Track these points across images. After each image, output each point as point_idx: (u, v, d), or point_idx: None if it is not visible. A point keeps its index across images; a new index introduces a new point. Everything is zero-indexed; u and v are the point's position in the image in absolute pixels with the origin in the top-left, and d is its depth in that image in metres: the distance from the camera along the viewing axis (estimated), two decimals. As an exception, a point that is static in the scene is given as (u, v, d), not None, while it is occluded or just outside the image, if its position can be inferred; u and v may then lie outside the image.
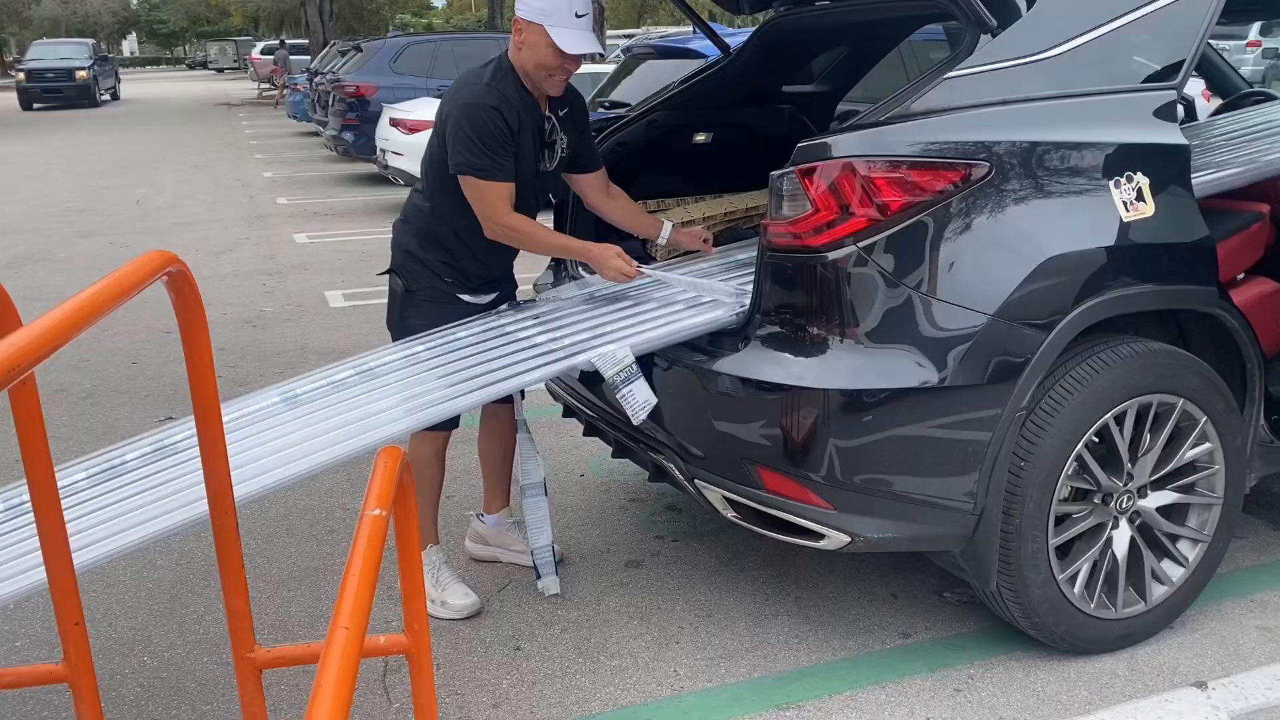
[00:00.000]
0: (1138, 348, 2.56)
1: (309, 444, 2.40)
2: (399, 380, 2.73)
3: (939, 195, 2.36)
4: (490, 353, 2.72)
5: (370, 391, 2.68)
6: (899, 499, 2.43)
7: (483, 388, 2.59)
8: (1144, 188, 2.51)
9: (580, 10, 2.70)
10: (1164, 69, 2.65)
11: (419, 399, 2.60)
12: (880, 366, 2.38)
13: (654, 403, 2.55)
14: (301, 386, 2.74)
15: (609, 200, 3.14)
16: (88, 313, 1.04)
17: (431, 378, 2.70)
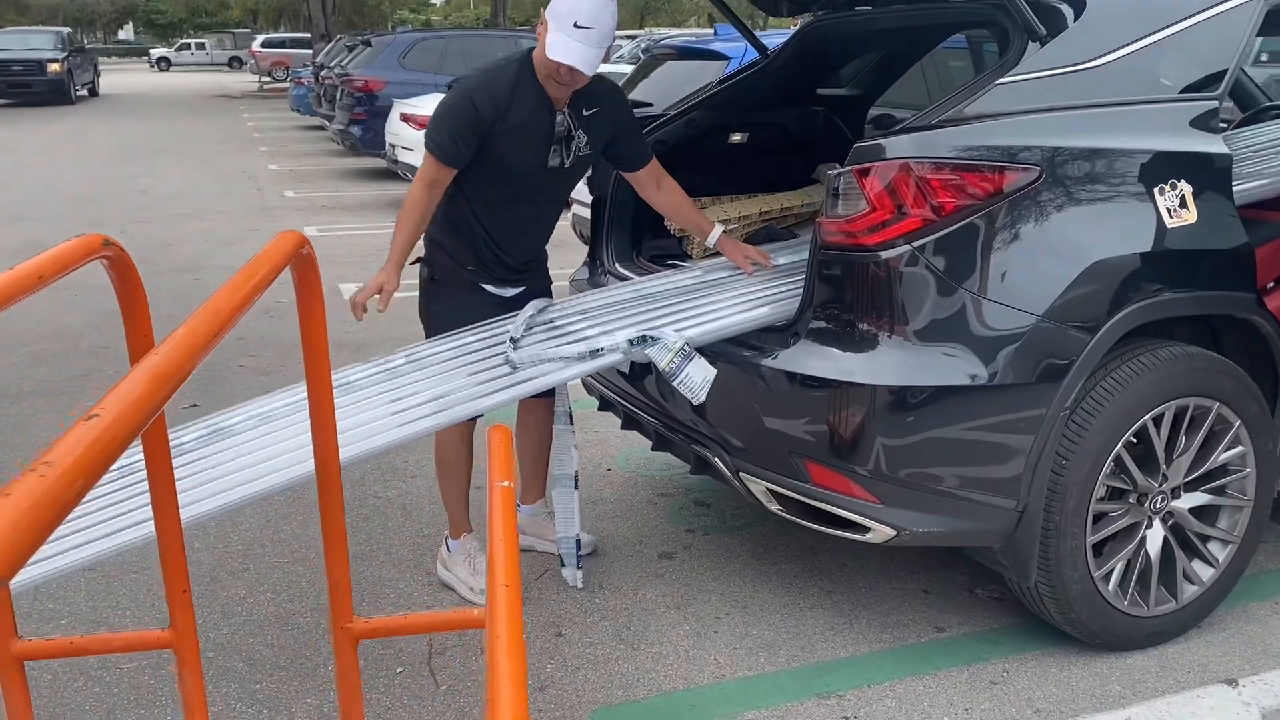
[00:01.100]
0: (1176, 351, 2.62)
1: (370, 427, 2.45)
2: (448, 370, 2.77)
3: (990, 198, 2.42)
4: (540, 344, 2.76)
5: (422, 380, 2.73)
6: (944, 494, 2.48)
7: (531, 380, 2.64)
8: (1187, 195, 2.57)
9: (582, 21, 2.67)
10: (1206, 79, 2.71)
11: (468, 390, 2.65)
12: (929, 364, 2.43)
13: (714, 375, 2.59)
14: (353, 375, 2.78)
15: (659, 194, 3.18)
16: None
17: (478, 369, 2.75)
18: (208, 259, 8.31)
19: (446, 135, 2.83)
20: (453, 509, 3.18)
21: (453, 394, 2.66)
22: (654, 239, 3.69)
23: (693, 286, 3.08)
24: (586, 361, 2.67)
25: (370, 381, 2.77)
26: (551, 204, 3.07)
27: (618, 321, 2.87)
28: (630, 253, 3.61)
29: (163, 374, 0.77)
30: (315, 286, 1.50)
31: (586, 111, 2.95)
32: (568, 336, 2.83)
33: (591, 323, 2.90)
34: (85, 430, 0.62)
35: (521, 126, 2.85)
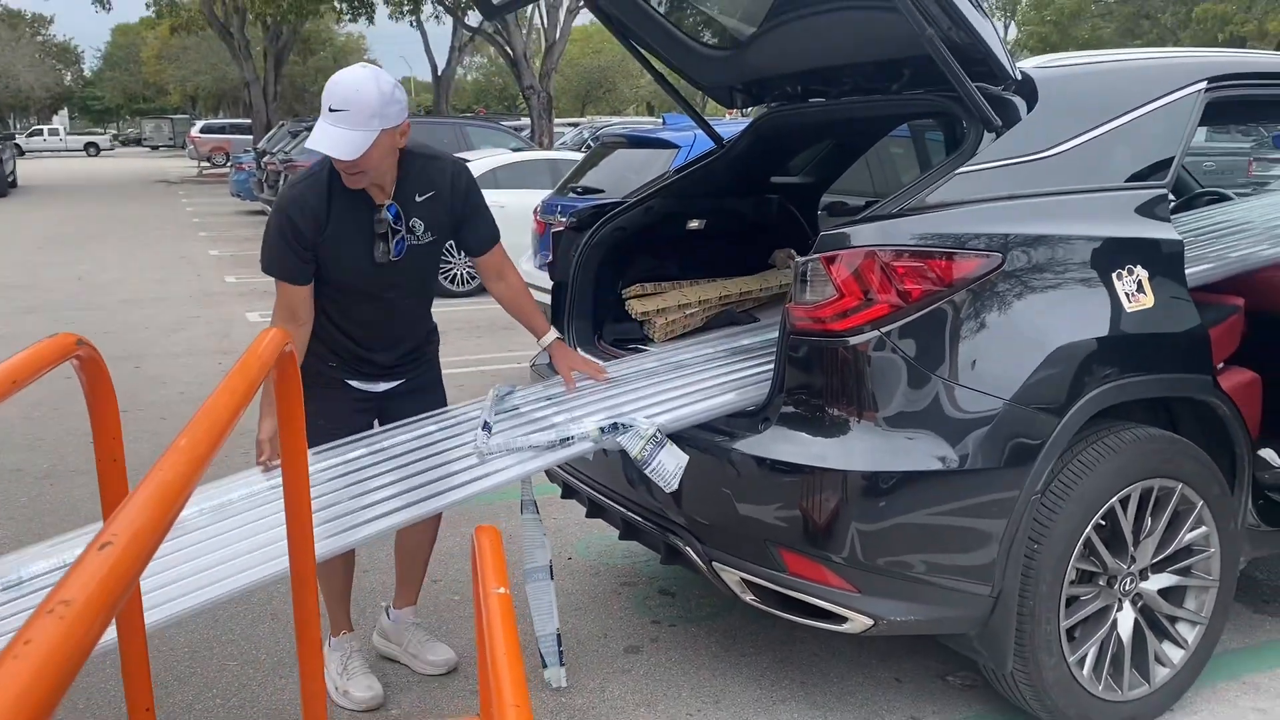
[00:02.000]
0: (1140, 434, 2.65)
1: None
2: (410, 461, 2.71)
3: (955, 284, 2.45)
4: (508, 433, 2.71)
5: (385, 472, 2.66)
6: (921, 581, 2.46)
7: (500, 471, 2.58)
8: (1143, 280, 2.63)
9: (334, 104, 2.56)
10: (1153, 168, 2.80)
11: (436, 483, 2.58)
12: (902, 448, 2.43)
13: (686, 461, 2.54)
14: (311, 467, 2.70)
15: (498, 284, 3.04)
16: (234, 406, 1.01)
17: (443, 459, 2.69)
18: (149, 347, 8.12)
19: (278, 257, 2.70)
20: (333, 608, 3.04)
21: (421, 486, 2.59)
22: (615, 323, 3.69)
23: (658, 370, 3.06)
24: (557, 450, 2.62)
25: (330, 474, 2.69)
26: (405, 298, 2.89)
27: (586, 408, 2.83)
28: (592, 337, 3.59)
29: (170, 492, 0.71)
30: (295, 383, 1.45)
31: (420, 197, 2.79)
32: (536, 424, 2.78)
33: (559, 409, 2.86)
34: (100, 560, 0.56)
35: (342, 229, 2.72)
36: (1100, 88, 2.84)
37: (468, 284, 10.53)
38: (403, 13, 25.14)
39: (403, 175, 2.76)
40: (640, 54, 3.69)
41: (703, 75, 3.65)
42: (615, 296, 3.71)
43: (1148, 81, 2.85)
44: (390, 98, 2.59)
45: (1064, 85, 2.81)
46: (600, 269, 3.60)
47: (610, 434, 2.56)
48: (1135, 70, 2.95)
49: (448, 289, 10.49)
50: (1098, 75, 2.93)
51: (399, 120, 2.62)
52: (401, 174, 2.76)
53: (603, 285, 3.63)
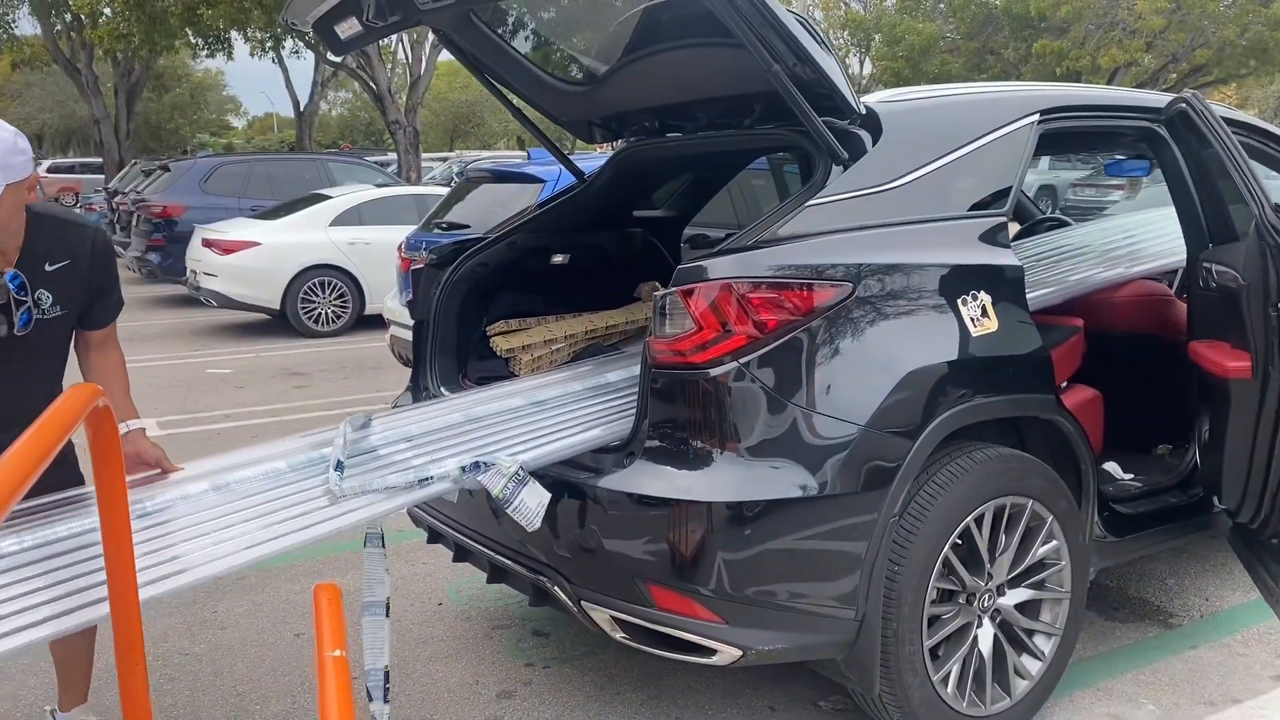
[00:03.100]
0: (991, 453, 2.74)
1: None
2: (259, 501, 2.58)
3: (810, 314, 2.49)
4: (364, 474, 2.62)
5: (230, 511, 2.52)
6: (787, 609, 2.47)
7: (353, 512, 2.49)
8: (987, 305, 2.73)
9: None
10: (994, 197, 2.92)
11: (284, 524, 2.46)
12: (763, 477, 2.45)
13: (548, 499, 2.49)
14: (150, 503, 2.54)
15: (100, 354, 2.73)
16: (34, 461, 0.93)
17: (293, 499, 2.57)
18: (-15, 399, 7.62)
19: None
20: (62, 679, 2.84)
21: (268, 527, 2.47)
22: (480, 360, 3.63)
23: (523, 407, 3.01)
24: (415, 491, 2.54)
25: (172, 513, 2.53)
26: (24, 377, 2.54)
27: (448, 447, 2.77)
28: (456, 376, 3.53)
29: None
30: (112, 440, 1.36)
31: (50, 266, 2.49)
32: (394, 466, 2.70)
33: (418, 450, 2.78)
34: None
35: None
36: (941, 121, 2.95)
37: (333, 323, 10.28)
38: (264, 49, 24.53)
39: (31, 240, 2.45)
40: (497, 89, 3.67)
41: (560, 110, 3.65)
42: (480, 333, 3.65)
43: (985, 114, 2.97)
44: (13, 147, 2.28)
45: (906, 119, 2.91)
46: (463, 306, 3.54)
47: (471, 473, 2.50)
48: (973, 104, 3.08)
49: (312, 329, 10.23)
50: (938, 109, 3.04)
51: (25, 174, 2.31)
52: (30, 238, 2.45)
53: (466, 322, 3.57)
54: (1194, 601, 3.73)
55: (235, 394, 7.86)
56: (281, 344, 9.88)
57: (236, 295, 10.22)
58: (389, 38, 17.06)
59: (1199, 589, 3.83)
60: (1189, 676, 3.20)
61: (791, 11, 2.63)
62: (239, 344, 10.02)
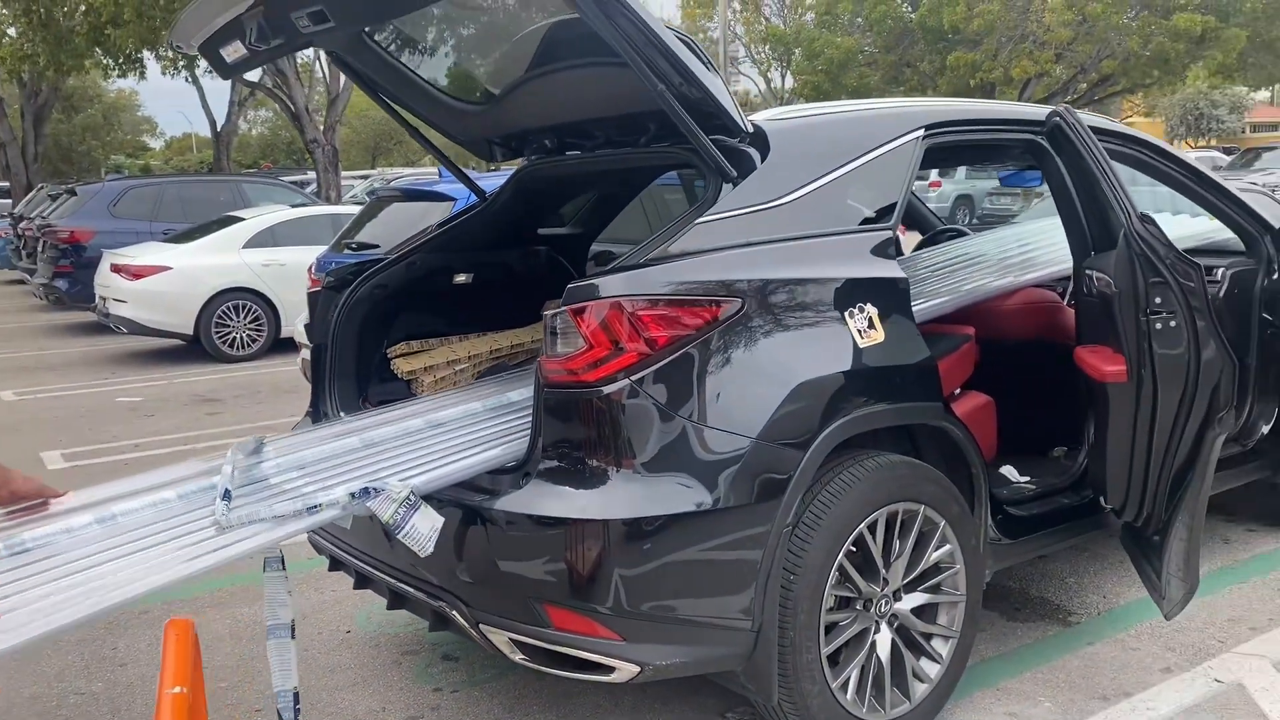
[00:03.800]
0: (881, 461, 2.80)
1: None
2: (144, 535, 2.51)
3: (700, 330, 2.52)
4: (252, 503, 2.57)
5: (111, 545, 2.45)
6: (683, 623, 2.49)
7: (240, 542, 2.44)
8: (874, 316, 2.79)
9: None
10: (880, 211, 2.98)
11: (166, 556, 2.41)
12: (658, 493, 2.46)
13: (441, 524, 2.47)
14: (27, 536, 2.45)
15: None
16: None
17: (180, 531, 2.51)
18: (-123, 436, 7.34)
19: None
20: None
21: (150, 561, 2.40)
22: (382, 383, 3.60)
23: (422, 430, 2.99)
24: (304, 519, 2.50)
25: (53, 548, 2.44)
26: None
27: (341, 473, 2.73)
28: (356, 400, 3.49)
29: None
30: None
31: None
32: (284, 493, 2.65)
33: (310, 477, 2.74)
34: None
35: None
36: (827, 138, 3.01)
37: (247, 347, 10.09)
38: (177, 69, 24.03)
39: None
40: (394, 110, 3.65)
41: (458, 130, 3.64)
42: (381, 356, 3.62)
43: (870, 131, 3.04)
44: None
45: (793, 136, 2.96)
46: (362, 329, 3.51)
47: (360, 499, 2.47)
48: (859, 121, 3.15)
49: (227, 353, 10.03)
50: (824, 127, 3.10)
51: None
52: None
53: (366, 345, 3.54)
54: (1092, 599, 3.84)
55: (145, 422, 7.67)
56: (195, 370, 9.68)
57: (147, 321, 9.98)
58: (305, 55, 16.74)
59: (1098, 586, 3.95)
60: (1084, 672, 3.29)
61: (675, 31, 2.67)
62: (150, 371, 9.78)
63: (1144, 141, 3.69)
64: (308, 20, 2.65)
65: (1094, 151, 3.12)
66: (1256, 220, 4.02)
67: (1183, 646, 3.42)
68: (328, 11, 2.62)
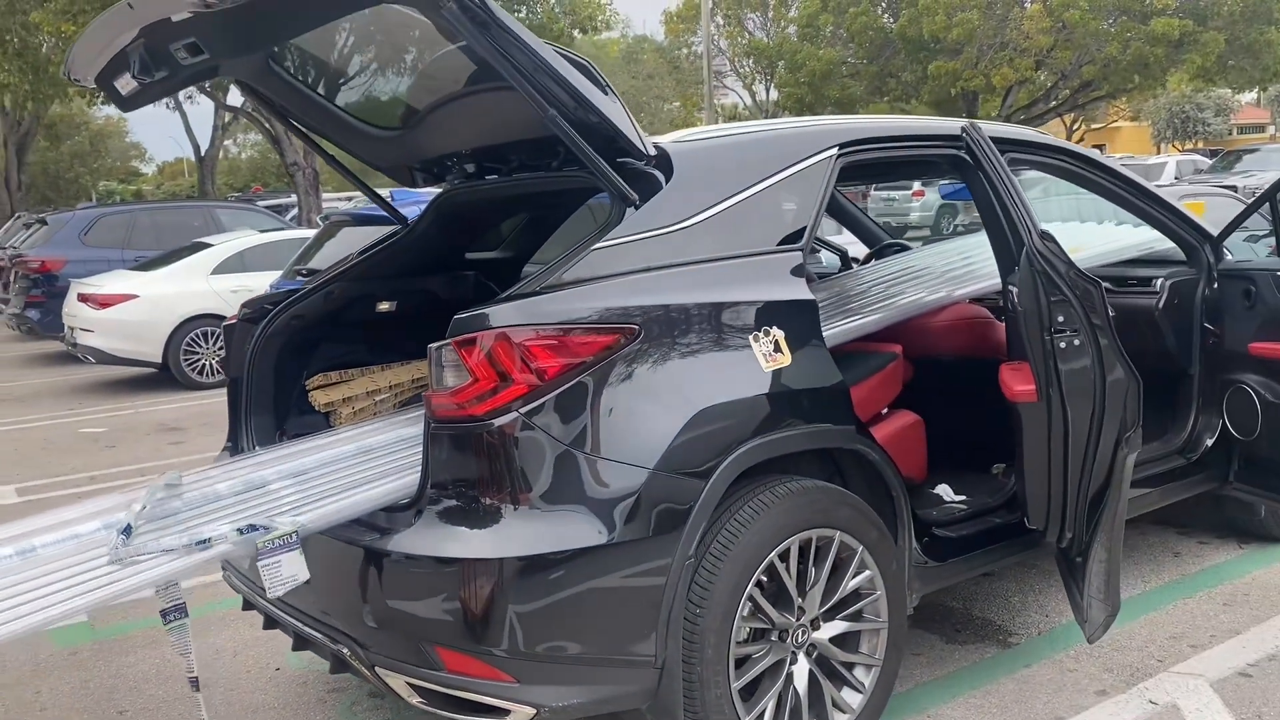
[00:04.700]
0: (792, 486, 2.73)
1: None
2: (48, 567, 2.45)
3: (593, 359, 2.46)
4: (149, 537, 2.50)
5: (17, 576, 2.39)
6: (582, 662, 2.42)
7: (127, 578, 2.37)
8: (780, 340, 2.73)
9: None
10: (792, 233, 2.93)
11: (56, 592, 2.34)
12: (552, 530, 2.40)
13: (303, 580, 2.40)
14: None
15: None
16: None
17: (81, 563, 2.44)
18: None
19: None
20: None
21: (36, 595, 2.33)
22: (301, 416, 3.54)
23: (324, 464, 2.90)
24: (194, 554, 2.44)
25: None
26: None
27: (244, 510, 2.67)
28: (274, 434, 3.43)
29: None
30: None
31: None
32: (179, 529, 2.58)
33: (217, 513, 2.67)
34: None
35: None
36: (733, 159, 2.95)
37: (217, 374, 10.01)
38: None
39: None
40: (309, 137, 3.60)
41: (374, 156, 3.58)
42: (301, 388, 3.56)
43: (779, 151, 2.99)
44: None
45: (698, 158, 2.91)
46: (279, 361, 3.45)
47: (249, 535, 2.41)
48: (767, 140, 3.09)
49: (196, 380, 9.96)
50: (730, 147, 3.04)
51: None
52: None
53: (284, 378, 3.48)
54: (1033, 619, 3.77)
55: (105, 454, 7.59)
56: (161, 398, 9.60)
57: (115, 350, 9.91)
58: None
59: (1040, 605, 3.88)
60: (1019, 696, 3.21)
61: (568, 54, 2.62)
62: (117, 400, 9.70)
63: (1070, 151, 3.64)
64: (185, 52, 2.60)
65: (998, 166, 3.07)
66: (1194, 229, 3.97)
67: (1120, 667, 3.35)
68: (200, 44, 2.57)
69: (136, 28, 2.57)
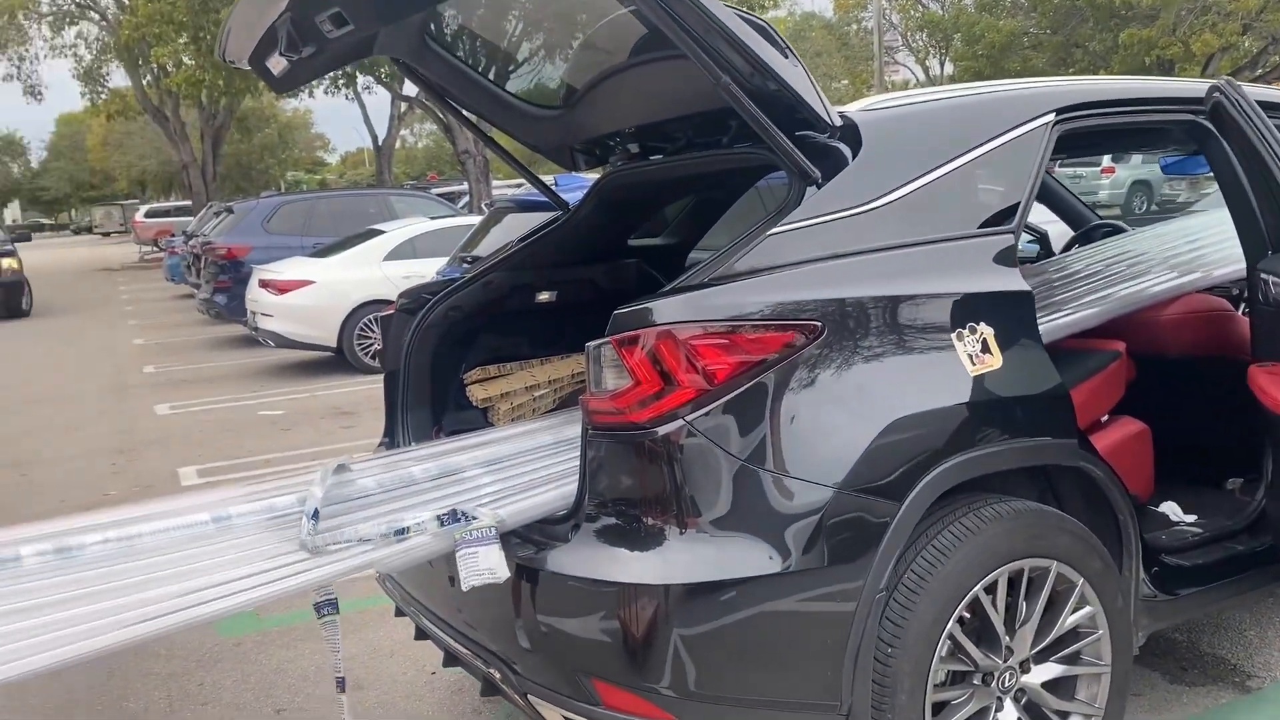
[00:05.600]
0: (1001, 509, 2.35)
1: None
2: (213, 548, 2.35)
3: (769, 360, 2.16)
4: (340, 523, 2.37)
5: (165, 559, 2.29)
6: (755, 706, 2.13)
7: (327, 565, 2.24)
8: (989, 338, 2.35)
9: None
10: (1000, 212, 2.54)
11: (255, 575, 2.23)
12: (722, 555, 2.12)
13: (502, 577, 2.20)
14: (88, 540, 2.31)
15: None
16: None
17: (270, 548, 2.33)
18: (41, 451, 7.69)
19: None
20: None
21: (236, 580, 2.23)
22: (458, 411, 3.37)
23: (508, 457, 2.73)
24: (391, 544, 2.28)
25: (102, 554, 2.29)
26: None
27: (422, 497, 2.51)
28: (430, 430, 3.27)
29: None
30: None
31: None
32: (369, 514, 2.44)
33: (396, 500, 2.52)
34: None
35: None
36: (931, 129, 2.58)
37: (388, 359, 10.17)
38: (337, 87, 25.00)
39: None
40: (468, 119, 3.43)
41: (533, 137, 3.38)
42: (459, 383, 3.40)
43: (985, 119, 2.60)
44: None
45: (891, 128, 2.56)
46: (436, 354, 3.29)
47: (450, 524, 2.25)
48: (972, 107, 2.70)
49: (370, 365, 10.15)
50: (928, 115, 2.67)
51: None
52: None
53: (441, 372, 3.32)
54: (1275, 658, 3.24)
55: (282, 436, 7.78)
56: (337, 382, 9.83)
57: (293, 334, 10.22)
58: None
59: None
60: (1266, 756, 2.74)
61: (745, 15, 2.31)
62: (296, 383, 10.00)
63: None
64: (330, 24, 2.43)
65: (1263, 131, 2.58)
66: None
67: (1396, 728, 2.82)
68: (344, 14, 2.39)
69: (283, 0, 2.42)
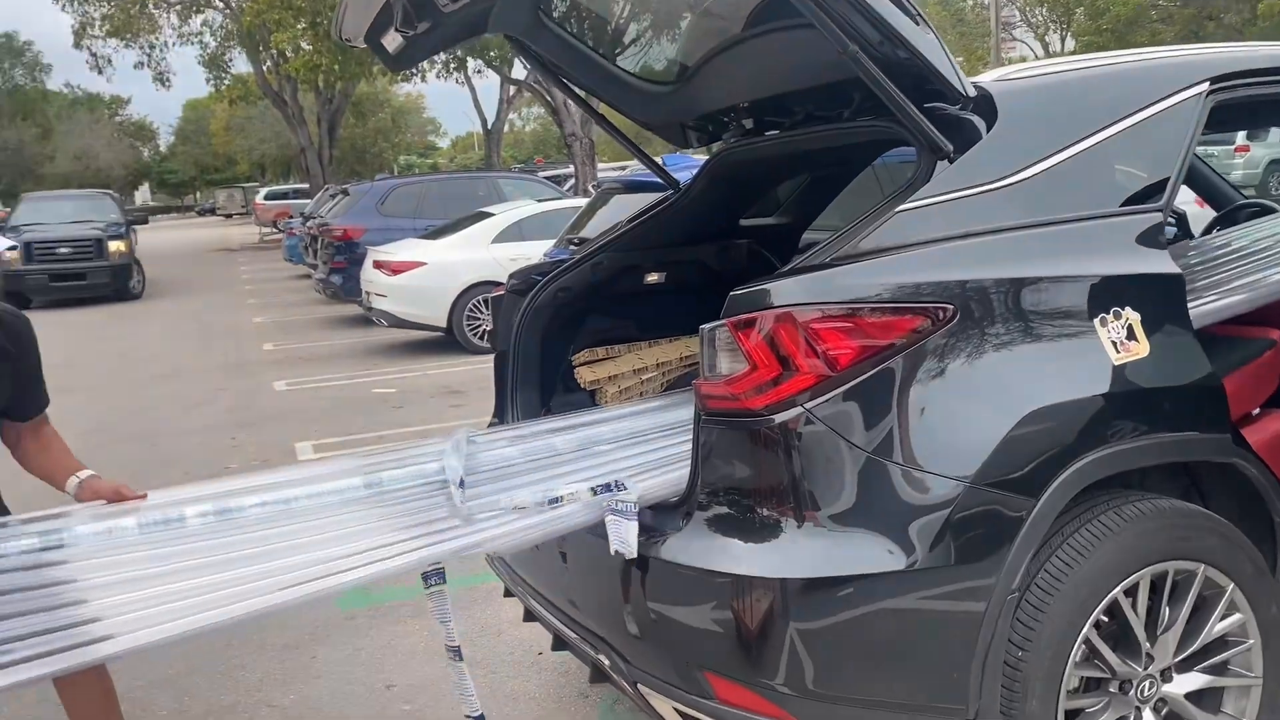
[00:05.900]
0: (1145, 507, 2.19)
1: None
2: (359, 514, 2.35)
3: (896, 345, 2.04)
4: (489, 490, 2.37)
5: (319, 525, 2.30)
6: (876, 708, 2.03)
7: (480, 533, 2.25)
8: (1135, 324, 2.19)
9: None
10: (1147, 189, 2.37)
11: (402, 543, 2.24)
12: (843, 550, 2.02)
13: (631, 553, 2.17)
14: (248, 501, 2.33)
15: (35, 444, 2.58)
16: None
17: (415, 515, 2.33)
18: (167, 425, 8.00)
19: None
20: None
21: (378, 547, 2.24)
22: (566, 394, 3.34)
23: (644, 431, 2.68)
24: (545, 511, 2.27)
25: (261, 516, 2.30)
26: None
27: (566, 467, 2.49)
28: (538, 410, 3.24)
29: None
30: None
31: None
32: (516, 480, 2.42)
33: (540, 470, 2.49)
34: None
35: None
36: (1072, 100, 2.42)
37: (495, 340, 10.28)
38: (448, 71, 25.37)
39: None
40: (580, 96, 3.37)
41: (647, 114, 3.30)
42: (567, 365, 3.36)
43: (1132, 88, 2.43)
44: None
45: (1028, 99, 2.41)
46: (546, 335, 3.25)
47: (603, 494, 2.24)
48: (1117, 76, 2.52)
49: (478, 345, 10.25)
50: (1069, 85, 2.50)
51: None
52: None
53: (550, 353, 3.28)
54: None
55: (393, 414, 7.92)
56: (447, 361, 9.97)
57: (405, 314, 10.41)
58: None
59: None
60: None
61: (871, -22, 2.18)
62: (407, 362, 10.18)
63: None
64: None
65: None
66: None
67: None
68: (457, -14, 2.36)
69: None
